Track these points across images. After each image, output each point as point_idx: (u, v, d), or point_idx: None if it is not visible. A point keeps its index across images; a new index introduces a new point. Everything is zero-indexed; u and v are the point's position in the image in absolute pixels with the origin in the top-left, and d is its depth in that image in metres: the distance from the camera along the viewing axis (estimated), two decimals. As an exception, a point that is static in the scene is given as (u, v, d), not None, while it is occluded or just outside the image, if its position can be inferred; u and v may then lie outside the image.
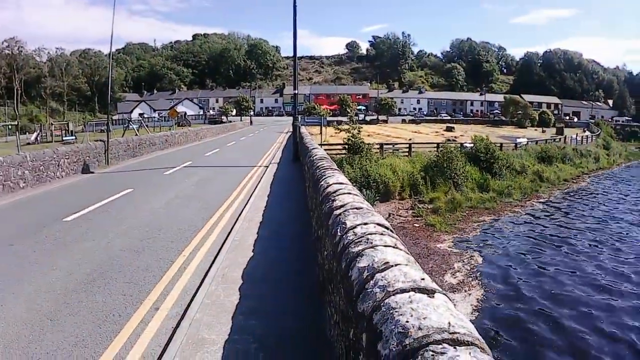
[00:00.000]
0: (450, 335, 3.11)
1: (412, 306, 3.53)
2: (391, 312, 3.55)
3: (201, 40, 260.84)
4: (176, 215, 18.71)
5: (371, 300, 3.96)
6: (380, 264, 4.55)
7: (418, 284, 3.94)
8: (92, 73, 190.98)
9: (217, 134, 76.99)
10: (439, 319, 3.31)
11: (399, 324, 3.35)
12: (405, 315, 3.42)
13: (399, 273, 4.21)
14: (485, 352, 3.03)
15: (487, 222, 38.83)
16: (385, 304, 3.73)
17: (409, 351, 3.05)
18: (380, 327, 3.50)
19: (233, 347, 7.85)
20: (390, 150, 52.22)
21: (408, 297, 3.69)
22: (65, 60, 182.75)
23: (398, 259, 4.65)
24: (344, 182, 10.92)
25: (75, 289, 10.83)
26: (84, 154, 31.86)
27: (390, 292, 3.86)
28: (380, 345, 3.37)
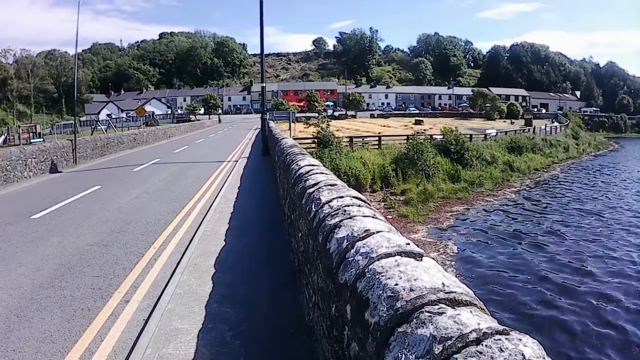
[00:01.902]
0: (446, 295, 2.88)
1: (400, 269, 3.30)
2: (377, 277, 3.31)
3: (168, 39, 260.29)
4: (146, 210, 18.56)
5: (354, 269, 3.72)
6: (360, 232, 4.32)
7: (403, 248, 3.72)
8: (59, 74, 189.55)
9: (185, 132, 77.01)
10: (432, 280, 3.08)
11: (388, 287, 3.10)
12: (394, 278, 3.18)
13: (382, 239, 3.99)
14: (484, 311, 2.80)
15: (460, 211, 39.00)
16: (370, 269, 3.49)
17: (401, 315, 2.81)
18: (367, 294, 3.27)
19: (208, 336, 7.68)
20: (360, 143, 52.22)
21: (394, 261, 3.47)
22: (32, 62, 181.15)
23: (379, 227, 4.43)
24: (315, 163, 10.82)
25: (43, 285, 10.61)
26: (51, 153, 31.55)
27: (374, 258, 3.63)
28: (368, 313, 3.11)
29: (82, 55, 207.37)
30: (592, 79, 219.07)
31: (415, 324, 2.64)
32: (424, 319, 2.64)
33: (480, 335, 2.38)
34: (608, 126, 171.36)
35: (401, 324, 2.73)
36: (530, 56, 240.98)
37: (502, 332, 2.39)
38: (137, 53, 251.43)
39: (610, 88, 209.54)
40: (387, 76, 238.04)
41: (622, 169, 73.23)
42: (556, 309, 21.31)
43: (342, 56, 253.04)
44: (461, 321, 2.53)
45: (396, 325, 2.76)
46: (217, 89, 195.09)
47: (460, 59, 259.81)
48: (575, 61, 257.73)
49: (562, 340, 18.43)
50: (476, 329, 2.43)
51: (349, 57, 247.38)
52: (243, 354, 7.10)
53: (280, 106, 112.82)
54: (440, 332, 2.47)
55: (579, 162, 78.73)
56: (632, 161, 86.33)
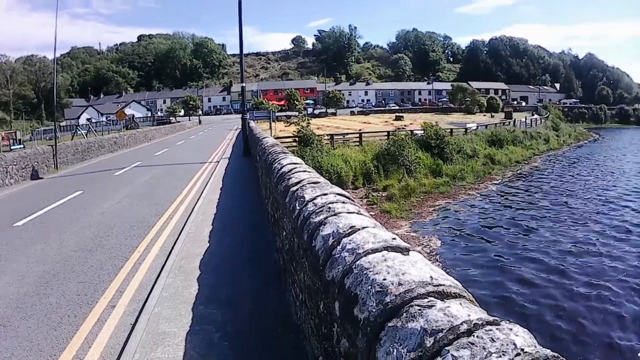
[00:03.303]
0: (435, 287, 2.90)
1: (388, 264, 3.32)
2: (365, 273, 3.34)
3: (146, 42, 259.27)
4: (129, 213, 18.49)
5: (341, 265, 3.75)
6: (345, 228, 4.36)
7: (390, 243, 3.75)
8: (38, 80, 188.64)
9: (166, 135, 76.83)
10: (420, 274, 3.10)
11: (376, 283, 3.13)
12: (382, 273, 3.21)
13: (368, 235, 4.01)
14: (474, 303, 2.83)
15: (442, 205, 39.07)
16: (357, 265, 3.52)
17: (390, 309, 2.83)
18: (355, 290, 3.30)
19: (195, 338, 7.65)
20: (341, 140, 52.28)
21: (382, 256, 3.49)
22: (10, 68, 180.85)
23: (365, 223, 4.47)
24: (297, 162, 10.84)
25: (28, 293, 10.52)
26: (32, 159, 31.39)
27: (360, 254, 3.66)
28: (357, 309, 3.14)
29: (60, 60, 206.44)
30: (571, 71, 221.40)
31: (406, 318, 2.65)
32: (414, 313, 2.65)
33: (471, 327, 2.39)
34: (588, 117, 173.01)
35: (391, 318, 2.75)
36: (510, 50, 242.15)
37: (493, 323, 2.40)
38: (116, 56, 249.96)
39: (590, 79, 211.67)
40: (366, 73, 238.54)
41: (601, 159, 73.70)
42: (538, 297, 21.44)
43: (321, 54, 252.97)
44: (451, 313, 2.54)
45: (386, 320, 2.78)
46: (197, 90, 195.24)
47: (440, 54, 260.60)
48: (555, 54, 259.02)
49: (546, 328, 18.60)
50: (467, 321, 2.44)
51: (328, 55, 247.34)
52: (231, 355, 7.09)
53: (260, 106, 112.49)
54: (430, 324, 2.48)
55: (560, 153, 79.17)
56: (610, 151, 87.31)
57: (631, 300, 21.20)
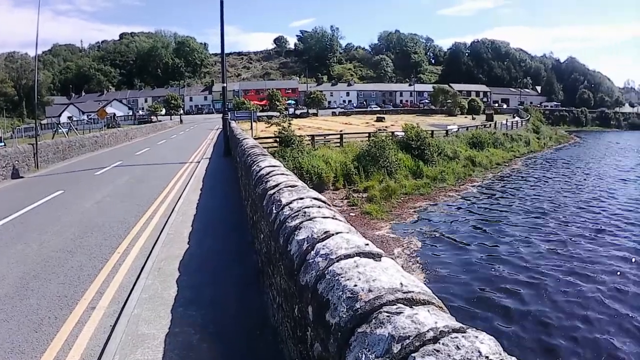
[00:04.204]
0: (404, 294, 2.97)
1: (359, 270, 3.41)
2: (337, 279, 3.42)
3: (128, 40, 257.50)
4: (108, 214, 18.47)
5: (314, 271, 3.83)
6: (320, 233, 4.44)
7: (362, 249, 3.85)
8: (19, 77, 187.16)
9: (147, 134, 76.60)
10: (390, 280, 3.18)
11: (347, 289, 3.21)
12: (353, 279, 3.30)
13: (341, 240, 4.11)
14: (442, 310, 2.90)
15: (423, 207, 39.12)
16: (330, 271, 3.60)
17: (360, 315, 2.91)
18: (327, 295, 3.38)
19: (175, 340, 7.69)
20: (321, 141, 52.24)
21: (353, 262, 3.59)
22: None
23: (339, 228, 4.55)
24: (276, 164, 10.94)
25: (8, 294, 10.50)
26: (12, 158, 31.23)
27: (333, 260, 3.74)
28: (329, 314, 3.21)
29: (42, 57, 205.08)
30: (552, 74, 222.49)
31: (374, 324, 2.72)
32: (382, 319, 2.72)
33: (437, 334, 2.46)
34: (569, 120, 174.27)
35: (361, 324, 2.82)
36: (491, 52, 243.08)
37: (459, 330, 2.48)
38: (98, 54, 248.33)
39: (571, 83, 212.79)
40: (348, 74, 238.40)
41: (582, 162, 74.10)
42: (514, 298, 21.61)
43: (303, 55, 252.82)
44: (418, 320, 2.61)
45: (356, 325, 2.85)
46: (179, 89, 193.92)
47: (422, 55, 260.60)
48: (536, 57, 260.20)
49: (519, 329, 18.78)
50: (433, 328, 2.51)
51: (310, 55, 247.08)
52: (211, 357, 7.15)
53: (241, 106, 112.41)
54: (398, 331, 2.55)
55: (541, 156, 79.66)
56: (591, 152, 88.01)
57: (601, 301, 21.39)
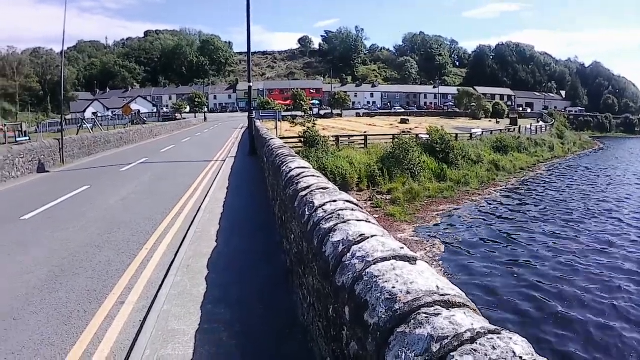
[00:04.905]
0: (441, 297, 3.05)
1: (397, 272, 3.46)
2: (375, 281, 3.48)
3: (153, 37, 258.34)
4: (135, 210, 18.52)
5: (351, 272, 3.89)
6: (355, 236, 4.47)
7: (398, 252, 3.87)
8: (44, 72, 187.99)
9: (171, 131, 76.71)
10: (427, 283, 3.25)
11: (385, 290, 3.27)
12: (391, 281, 3.35)
13: (377, 243, 4.14)
14: (476, 312, 2.98)
15: (446, 210, 38.99)
16: (367, 273, 3.65)
17: (399, 316, 2.97)
18: (365, 296, 3.43)
19: (204, 337, 7.72)
20: (346, 142, 52.17)
21: (390, 265, 3.63)
22: (17, 59, 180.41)
23: (373, 231, 4.59)
24: (306, 166, 10.86)
25: (37, 287, 10.59)
26: (38, 152, 31.44)
27: (370, 262, 3.78)
28: (367, 314, 3.28)
29: (67, 53, 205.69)
30: (577, 79, 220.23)
31: (414, 325, 2.80)
32: (421, 320, 2.80)
33: (474, 335, 2.54)
34: (593, 126, 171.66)
35: (400, 324, 2.89)
36: (516, 56, 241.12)
37: (494, 332, 2.56)
38: (123, 51, 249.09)
39: (595, 88, 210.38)
40: (372, 75, 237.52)
41: (606, 169, 73.16)
42: (536, 303, 21.63)
43: (327, 55, 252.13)
44: (456, 322, 2.69)
45: (395, 325, 2.91)
46: (203, 87, 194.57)
47: (446, 58, 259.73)
48: (561, 61, 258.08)
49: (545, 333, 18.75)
50: (470, 329, 2.59)
51: (334, 56, 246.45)
52: (240, 354, 7.17)
53: (266, 105, 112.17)
54: (437, 331, 2.63)
55: (564, 161, 78.78)
56: (613, 161, 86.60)
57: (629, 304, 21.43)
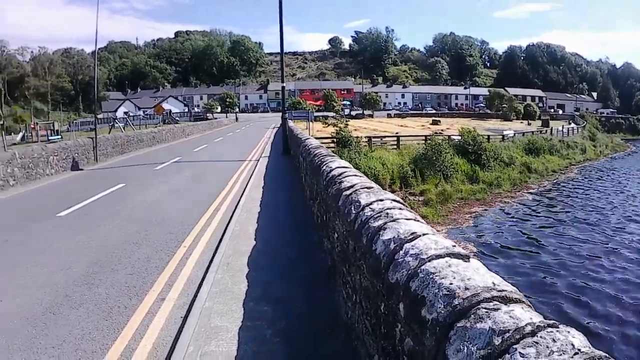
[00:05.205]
0: (498, 293, 3.15)
1: (452, 269, 3.57)
2: (431, 277, 3.56)
3: (183, 38, 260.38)
4: (172, 208, 18.62)
5: (405, 269, 3.96)
6: (407, 234, 4.55)
7: (452, 250, 3.97)
8: (76, 72, 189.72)
9: (203, 131, 77.01)
10: (483, 279, 3.35)
11: (443, 286, 3.37)
12: (448, 278, 3.45)
13: (429, 241, 4.23)
14: (531, 308, 3.06)
15: (478, 212, 38.93)
16: (422, 270, 3.73)
17: (459, 311, 3.08)
18: (422, 292, 3.52)
19: (248, 334, 7.72)
20: (378, 143, 52.16)
21: (445, 262, 3.73)
22: (48, 60, 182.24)
23: (424, 229, 4.68)
24: (346, 165, 10.90)
25: (76, 282, 10.69)
26: (72, 151, 31.79)
27: (425, 259, 3.86)
28: (425, 310, 3.37)
29: (98, 53, 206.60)
30: (608, 80, 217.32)
31: (474, 319, 2.91)
32: (481, 315, 2.90)
33: (535, 328, 2.64)
34: (625, 128, 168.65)
35: (460, 319, 3.00)
36: (547, 56, 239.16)
37: (553, 326, 2.66)
38: (153, 51, 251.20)
39: (627, 89, 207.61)
40: (403, 76, 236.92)
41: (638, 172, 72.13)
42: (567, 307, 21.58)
43: (358, 55, 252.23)
44: (516, 316, 2.80)
45: (455, 320, 3.04)
46: (234, 87, 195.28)
47: (477, 58, 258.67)
48: (592, 62, 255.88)
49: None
50: (530, 323, 2.70)
51: (365, 56, 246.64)
52: (285, 351, 7.18)
53: (297, 105, 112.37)
54: (498, 325, 2.74)
55: (597, 164, 77.88)
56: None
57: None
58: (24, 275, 11.20)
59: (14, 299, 9.84)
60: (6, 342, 8.00)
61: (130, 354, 7.58)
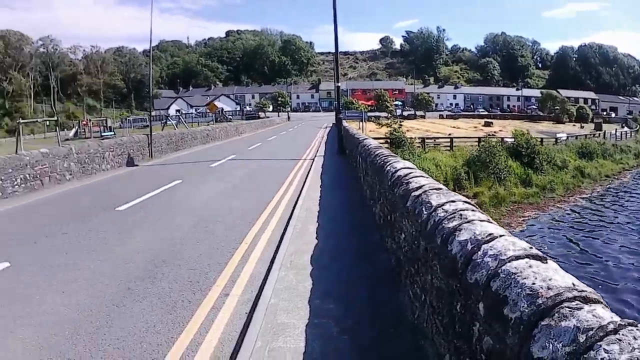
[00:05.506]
0: (579, 293, 3.26)
1: (533, 270, 3.67)
2: (513, 277, 3.67)
3: (234, 37, 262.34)
4: (230, 205, 18.77)
5: (484, 270, 4.07)
6: (483, 235, 4.67)
7: (529, 251, 4.06)
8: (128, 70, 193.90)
9: (256, 129, 77.41)
10: (563, 280, 3.48)
11: (525, 286, 3.49)
12: (530, 278, 3.56)
13: (507, 242, 4.33)
14: (609, 310, 3.17)
15: (532, 217, 38.57)
16: (503, 270, 3.84)
17: (543, 310, 3.19)
18: (504, 292, 3.63)
19: (314, 331, 7.77)
20: (431, 144, 52.09)
21: (525, 263, 3.82)
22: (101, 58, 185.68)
23: (499, 231, 4.78)
24: (411, 166, 10.85)
25: (138, 276, 10.93)
26: (128, 147, 32.47)
27: (504, 260, 3.97)
28: (508, 309, 3.50)
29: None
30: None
31: (558, 318, 3.05)
32: (565, 314, 3.04)
33: (617, 326, 2.78)
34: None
35: (543, 317, 3.14)
36: (599, 57, 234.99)
37: (632, 324, 2.81)
38: (204, 50, 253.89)
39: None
40: (455, 76, 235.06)
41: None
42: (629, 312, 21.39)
43: (409, 55, 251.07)
44: (598, 315, 2.95)
45: (539, 319, 3.16)
46: (286, 86, 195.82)
47: (528, 59, 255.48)
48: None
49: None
50: (612, 321, 2.84)
51: (416, 56, 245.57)
52: (351, 349, 7.21)
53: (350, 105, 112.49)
54: (582, 323, 2.88)
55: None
56: None
57: None
58: (86, 268, 11.45)
59: (77, 291, 10.06)
60: (69, 333, 8.21)
61: (196, 348, 7.73)
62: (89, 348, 7.70)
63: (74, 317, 8.83)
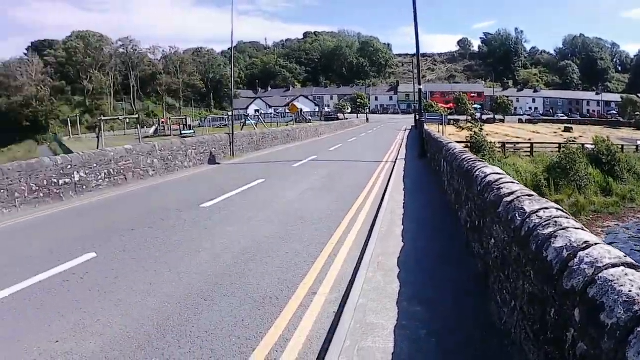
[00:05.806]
0: None
1: (630, 278, 3.79)
2: (610, 284, 3.79)
3: (312, 39, 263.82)
4: (314, 206, 18.94)
5: (581, 277, 4.19)
6: (579, 242, 4.78)
7: (625, 260, 4.19)
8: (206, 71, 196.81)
9: (335, 130, 77.72)
10: None
11: (622, 293, 3.60)
12: (626, 285, 3.68)
13: (603, 251, 4.44)
14: None
15: (611, 227, 37.89)
16: (600, 278, 3.96)
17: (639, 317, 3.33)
18: (600, 299, 3.74)
19: (403, 332, 7.84)
20: (511, 149, 51.67)
21: (621, 271, 3.94)
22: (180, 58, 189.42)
23: (594, 239, 4.88)
24: (500, 172, 10.88)
25: (225, 272, 11.24)
26: (210, 145, 33.25)
27: (601, 268, 4.09)
28: (604, 315, 3.58)
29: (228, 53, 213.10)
30: None
31: None
32: None
33: None
34: None
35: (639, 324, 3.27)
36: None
37: None
38: (283, 51, 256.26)
39: None
40: (534, 79, 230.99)
41: None
42: None
43: (487, 58, 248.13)
44: None
45: (635, 325, 3.28)
46: (364, 88, 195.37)
47: (608, 62, 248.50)
48: None
49: None
50: None
51: (494, 58, 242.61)
52: (439, 351, 7.32)
53: (429, 108, 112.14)
54: None
55: None
56: None
57: None
58: (172, 262, 11.91)
59: (166, 283, 10.55)
60: (157, 324, 8.62)
61: (285, 344, 7.90)
62: (178, 339, 8.09)
63: (162, 308, 9.27)
